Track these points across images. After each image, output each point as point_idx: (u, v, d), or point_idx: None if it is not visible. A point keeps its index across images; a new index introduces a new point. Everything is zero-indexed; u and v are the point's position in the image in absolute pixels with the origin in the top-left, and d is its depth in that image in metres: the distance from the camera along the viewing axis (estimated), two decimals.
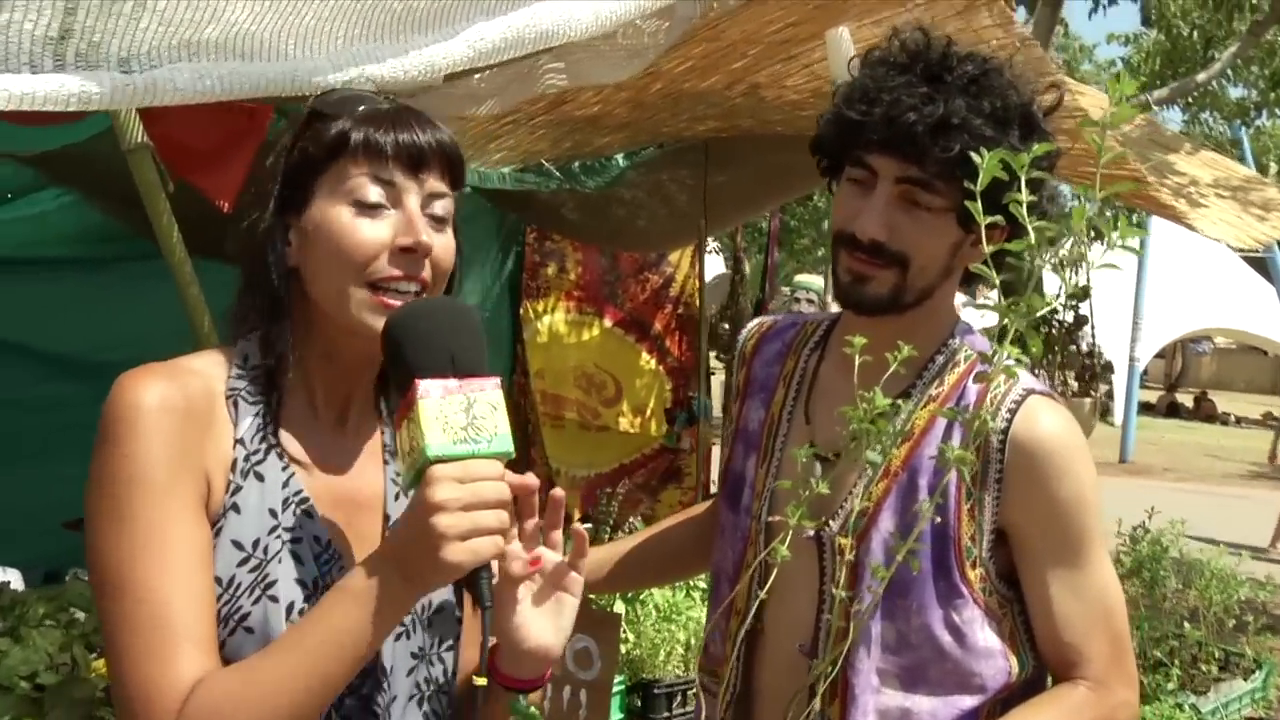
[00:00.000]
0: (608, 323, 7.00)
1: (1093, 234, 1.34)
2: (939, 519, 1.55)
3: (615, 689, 2.60)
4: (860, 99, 1.56)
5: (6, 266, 4.96)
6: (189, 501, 1.14)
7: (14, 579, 2.72)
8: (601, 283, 6.95)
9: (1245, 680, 4.25)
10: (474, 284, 6.42)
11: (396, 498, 1.32)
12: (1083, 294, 4.81)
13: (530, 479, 1.17)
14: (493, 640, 1.18)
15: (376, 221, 1.20)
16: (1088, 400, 4.90)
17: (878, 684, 1.57)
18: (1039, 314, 1.28)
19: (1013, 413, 1.56)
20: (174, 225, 1.92)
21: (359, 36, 1.38)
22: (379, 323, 1.18)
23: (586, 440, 6.90)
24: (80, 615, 2.13)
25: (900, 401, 1.62)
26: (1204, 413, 25.56)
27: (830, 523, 1.60)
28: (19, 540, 3.56)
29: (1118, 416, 15.92)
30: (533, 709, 2.22)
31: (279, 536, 1.19)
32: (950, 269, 1.61)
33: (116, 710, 1.12)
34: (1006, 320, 1.33)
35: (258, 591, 1.16)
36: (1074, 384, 4.97)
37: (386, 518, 1.32)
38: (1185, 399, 26.71)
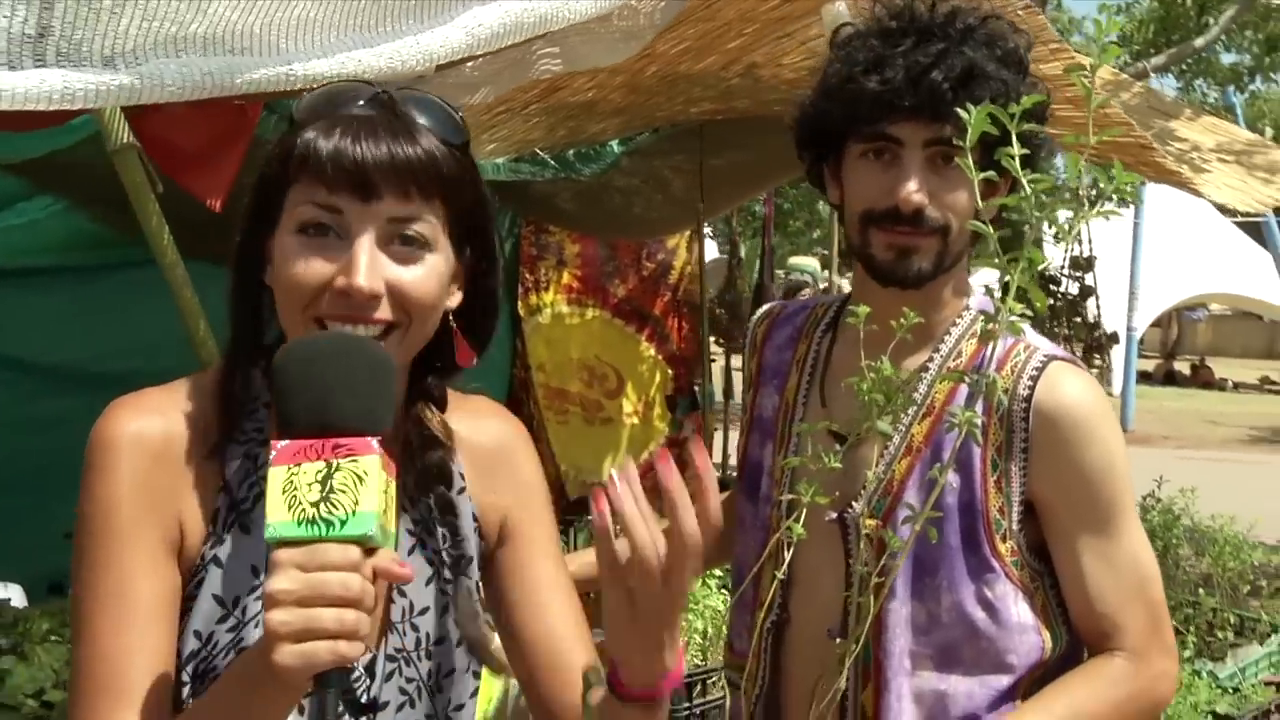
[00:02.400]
0: (607, 313, 6.96)
1: (1089, 203, 1.32)
2: (964, 493, 1.52)
3: None
4: (873, 68, 1.51)
5: None
6: (154, 549, 1.08)
7: (15, 595, 2.69)
8: (600, 273, 6.91)
9: (1261, 645, 4.23)
10: None
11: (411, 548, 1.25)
12: (1086, 265, 4.79)
13: (408, 570, 0.99)
14: None
15: (320, 254, 1.06)
16: (1094, 372, 4.88)
17: (910, 667, 1.54)
18: (1040, 268, 1.25)
19: (1034, 380, 1.52)
20: (164, 226, 1.87)
21: (352, 27, 1.33)
22: None
23: (592, 434, 6.86)
24: None
25: (922, 374, 1.58)
26: (1201, 379, 25.57)
27: (854, 504, 1.56)
28: (22, 555, 3.56)
29: (1116, 386, 15.90)
30: None
31: (258, 598, 1.09)
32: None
33: None
34: (1009, 276, 1.30)
35: (233, 653, 1.10)
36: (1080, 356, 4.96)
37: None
38: (1182, 366, 26.75)
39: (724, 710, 2.60)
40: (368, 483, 0.92)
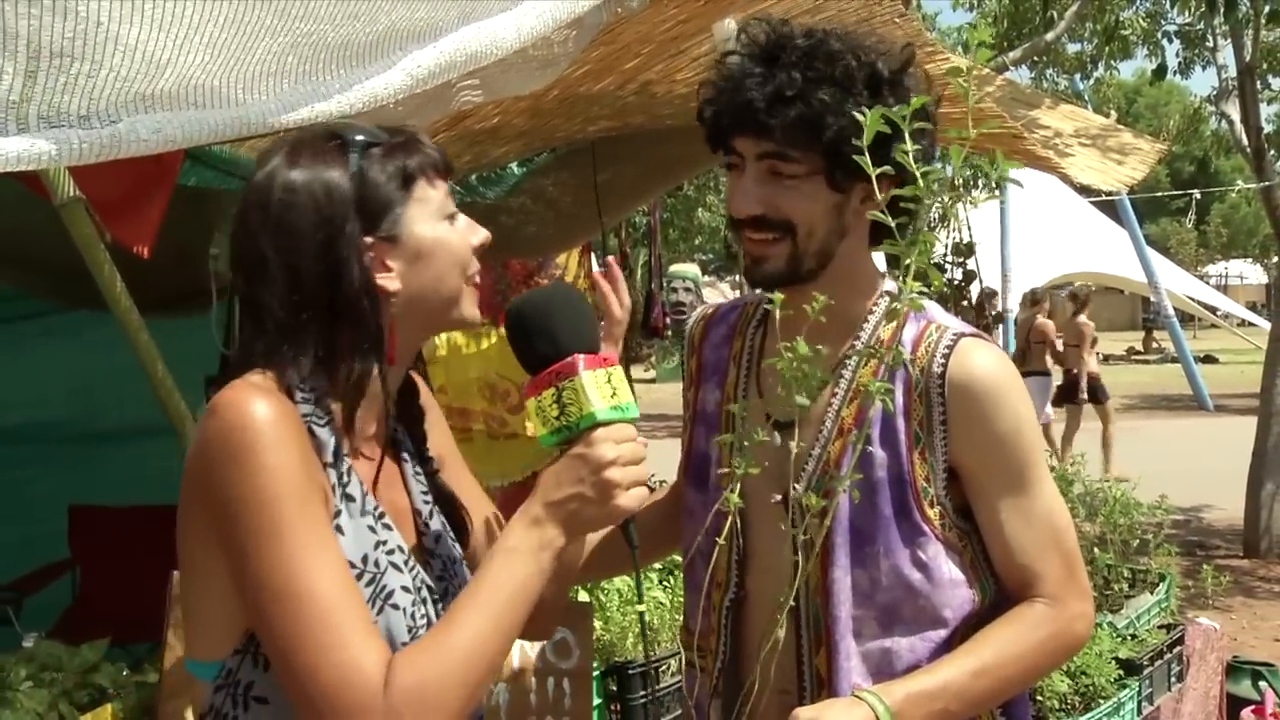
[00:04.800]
0: (503, 331, 6.99)
1: (961, 189, 1.48)
2: (893, 466, 1.66)
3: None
4: (713, 95, 1.70)
5: None
6: (324, 508, 1.23)
7: None
8: (493, 292, 6.95)
9: (1151, 594, 4.51)
10: None
11: (430, 512, 1.44)
12: (967, 251, 5.05)
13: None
14: None
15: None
16: None
17: (857, 629, 1.67)
18: (936, 249, 1.40)
19: (947, 356, 1.66)
20: (115, 274, 1.92)
21: (302, 75, 1.41)
22: (477, 312, 1.41)
23: (497, 449, 6.90)
24: (57, 675, 2.12)
25: (846, 360, 1.72)
26: None
27: (796, 485, 1.69)
28: None
29: None
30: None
31: (380, 549, 1.29)
32: (844, 229, 1.69)
33: (304, 711, 1.17)
34: (907, 259, 1.46)
35: (379, 603, 1.26)
36: None
37: (424, 527, 1.43)
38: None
39: (678, 695, 2.72)
40: (625, 383, 1.34)
